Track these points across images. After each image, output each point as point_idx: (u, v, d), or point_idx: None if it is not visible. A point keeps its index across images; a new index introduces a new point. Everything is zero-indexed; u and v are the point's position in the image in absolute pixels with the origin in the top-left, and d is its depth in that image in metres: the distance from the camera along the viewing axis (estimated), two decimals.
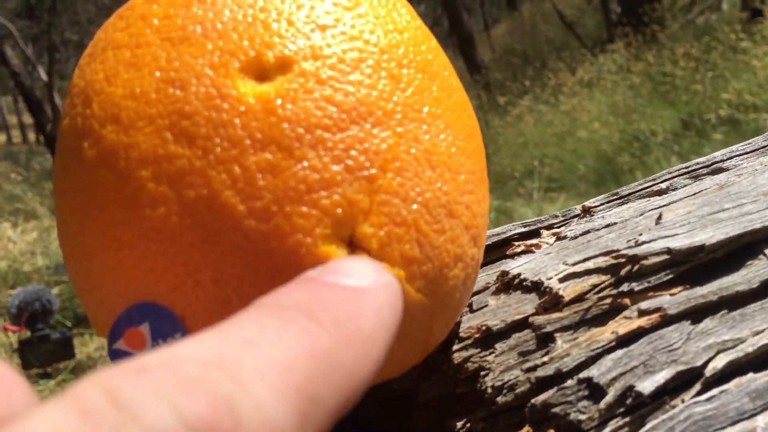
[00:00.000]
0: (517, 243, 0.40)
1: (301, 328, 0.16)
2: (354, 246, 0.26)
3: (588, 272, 0.33)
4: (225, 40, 0.27)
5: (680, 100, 4.99)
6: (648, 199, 0.40)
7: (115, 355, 0.28)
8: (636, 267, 0.31)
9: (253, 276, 0.25)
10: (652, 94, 5.39)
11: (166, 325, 0.26)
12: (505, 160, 5.48)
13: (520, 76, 7.34)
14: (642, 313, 0.30)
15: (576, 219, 0.41)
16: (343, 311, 0.17)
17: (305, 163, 0.25)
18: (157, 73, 0.26)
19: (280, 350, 0.15)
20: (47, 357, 2.76)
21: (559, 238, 0.39)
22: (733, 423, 0.27)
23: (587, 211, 0.41)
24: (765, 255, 0.31)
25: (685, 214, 0.33)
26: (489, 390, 0.31)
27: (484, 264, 0.40)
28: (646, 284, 0.31)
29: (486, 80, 7.50)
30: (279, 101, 0.26)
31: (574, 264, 0.33)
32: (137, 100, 0.26)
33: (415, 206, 0.27)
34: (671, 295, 0.31)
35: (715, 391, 0.28)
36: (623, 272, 0.32)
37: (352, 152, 0.26)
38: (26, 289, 2.77)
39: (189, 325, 0.26)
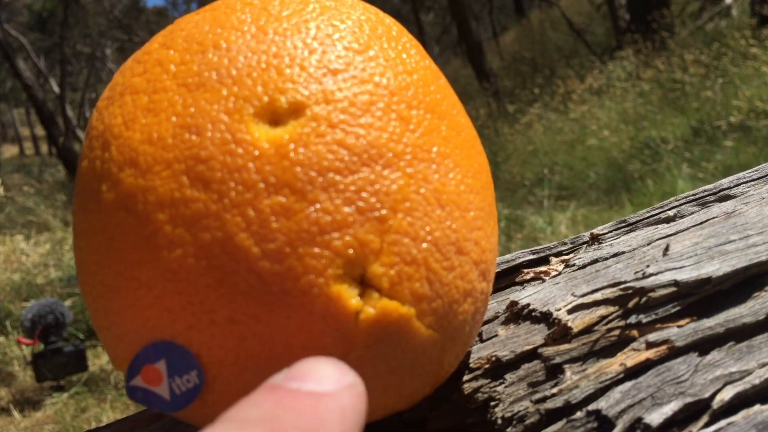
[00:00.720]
0: (526, 270, 0.41)
1: None
2: (365, 285, 0.27)
3: (596, 303, 0.33)
4: (240, 86, 0.27)
5: (690, 107, 4.97)
6: (656, 226, 0.40)
7: (133, 391, 0.28)
8: (644, 299, 0.32)
9: (267, 315, 0.26)
10: (662, 101, 5.38)
11: (182, 362, 0.27)
12: (515, 168, 5.47)
13: (530, 84, 7.34)
14: (650, 345, 0.31)
15: (584, 246, 0.42)
16: (305, 420, 0.18)
17: (318, 206, 0.26)
18: (174, 119, 0.27)
19: None
20: (60, 370, 2.78)
21: (567, 266, 0.40)
22: None
23: (595, 239, 0.41)
24: None
25: (692, 246, 0.34)
26: (499, 421, 0.32)
27: (494, 291, 0.41)
28: (653, 316, 0.32)
29: (495, 88, 7.51)
30: (292, 145, 0.26)
31: (582, 295, 0.34)
32: (154, 145, 0.27)
33: (425, 245, 0.28)
34: (678, 326, 0.31)
35: (722, 423, 0.29)
36: (631, 304, 0.32)
37: (363, 194, 0.27)
38: (39, 303, 2.79)
39: (205, 362, 0.27)
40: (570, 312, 0.33)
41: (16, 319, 3.52)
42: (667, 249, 0.34)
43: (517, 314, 0.36)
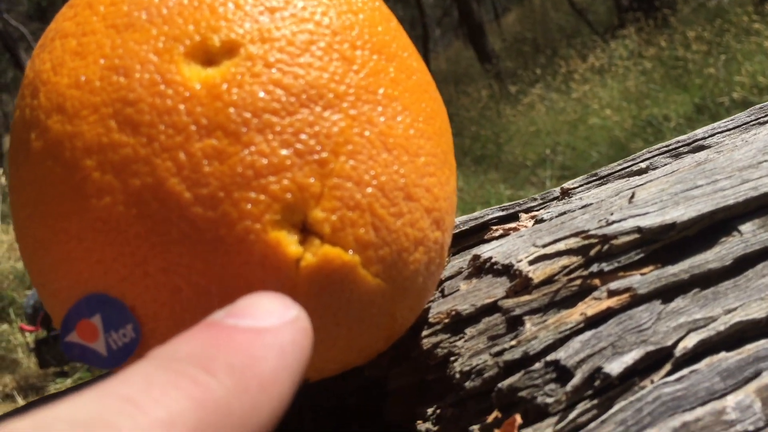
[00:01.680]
0: (495, 227, 0.40)
1: (190, 380, 0.16)
2: (307, 231, 0.26)
3: (558, 254, 0.32)
4: (170, 25, 0.26)
5: (693, 84, 4.94)
6: (627, 179, 0.39)
7: (69, 347, 0.27)
8: (606, 247, 0.31)
9: (203, 264, 0.25)
10: (665, 78, 5.34)
11: (117, 316, 0.26)
12: (517, 149, 5.45)
13: (531, 65, 7.30)
14: (611, 293, 0.29)
15: (555, 201, 0.40)
16: (240, 357, 0.17)
17: (253, 148, 0.25)
18: (102, 61, 0.26)
19: (163, 406, 0.15)
20: (64, 356, 2.78)
21: (537, 221, 0.38)
22: (703, 403, 0.27)
23: (566, 193, 0.40)
24: (739, 231, 0.30)
25: (658, 192, 0.32)
26: (457, 375, 0.30)
27: (462, 249, 0.40)
28: (616, 264, 0.30)
29: (497, 69, 7.45)
30: (225, 86, 0.25)
31: (544, 246, 0.32)
32: (81, 88, 0.26)
33: (369, 190, 0.26)
34: (642, 274, 0.30)
35: (685, 371, 0.28)
36: (593, 253, 0.31)
37: (302, 136, 0.25)
38: None
39: (140, 315, 0.26)
40: (531, 263, 0.32)
41: (19, 307, 3.52)
42: (632, 197, 0.33)
43: (479, 268, 0.35)
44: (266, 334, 0.18)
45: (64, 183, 0.26)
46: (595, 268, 0.30)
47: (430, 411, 0.32)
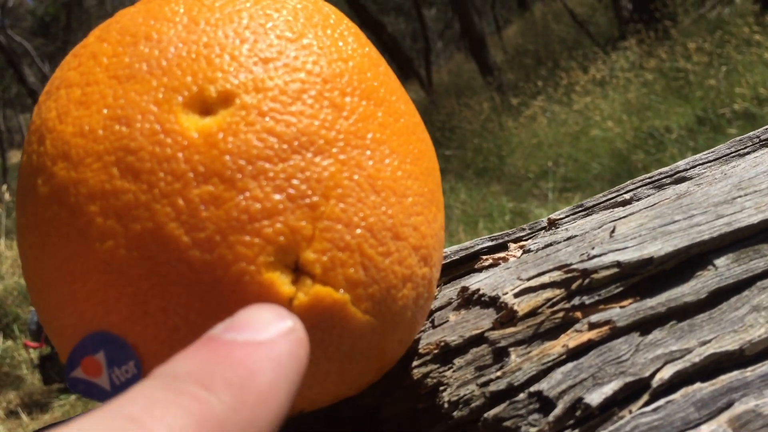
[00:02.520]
0: (485, 257, 0.41)
1: (190, 397, 0.17)
2: (299, 272, 0.27)
3: (543, 287, 0.33)
4: (169, 77, 0.28)
5: (694, 96, 4.95)
6: (611, 210, 0.40)
7: (74, 383, 0.28)
8: (587, 281, 0.32)
9: (200, 304, 0.26)
10: (666, 90, 5.36)
11: (120, 353, 0.27)
12: (519, 161, 5.46)
13: (533, 77, 7.32)
14: (592, 326, 0.31)
15: (542, 231, 0.42)
16: (238, 372, 0.18)
17: (247, 194, 0.26)
18: (105, 111, 0.27)
19: (165, 424, 0.16)
20: None
21: (525, 251, 0.40)
22: None
23: (553, 224, 0.42)
24: (713, 266, 0.32)
25: (637, 227, 0.34)
26: (446, 405, 0.32)
27: (453, 278, 0.41)
28: (596, 297, 0.32)
29: (499, 82, 7.48)
30: (221, 134, 0.27)
31: (529, 279, 0.34)
32: (86, 137, 0.27)
33: (358, 231, 0.28)
34: (621, 307, 0.31)
35: (661, 402, 0.29)
36: (575, 286, 0.32)
37: (294, 181, 0.27)
38: None
39: (142, 353, 0.27)
40: (516, 296, 0.33)
41: (23, 323, 3.54)
42: (613, 231, 0.34)
43: (467, 299, 0.36)
44: (263, 347, 0.19)
45: (69, 227, 0.27)
46: (576, 301, 0.32)
47: None
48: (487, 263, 0.41)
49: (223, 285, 0.26)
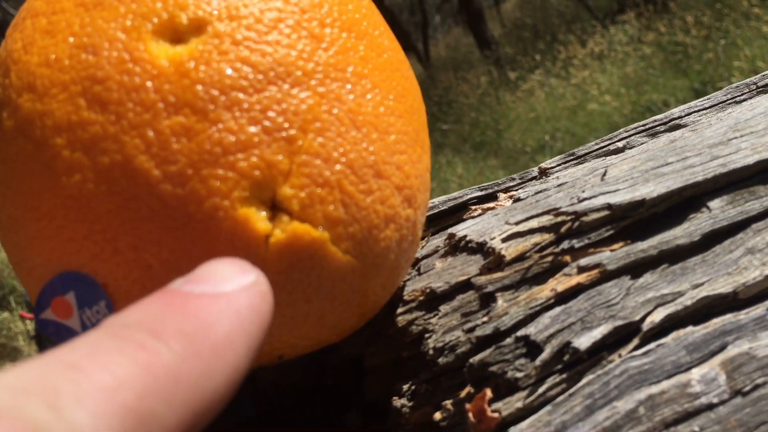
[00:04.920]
0: (474, 207, 0.40)
1: (137, 345, 0.16)
2: (276, 208, 0.26)
3: (531, 231, 0.32)
4: (138, 3, 0.26)
5: (693, 69, 4.92)
6: (604, 158, 0.39)
7: (44, 324, 0.27)
8: (576, 224, 0.31)
9: (172, 241, 0.25)
10: (664, 64, 5.32)
11: (90, 293, 0.26)
12: (517, 135, 5.44)
13: (531, 51, 7.27)
14: (581, 269, 0.30)
15: (533, 180, 0.41)
16: (192, 322, 0.17)
17: (220, 126, 0.25)
18: (71, 39, 0.26)
19: (108, 371, 0.15)
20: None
21: (515, 201, 0.39)
22: (669, 376, 0.27)
23: (543, 172, 0.40)
24: (707, 208, 0.31)
25: (629, 170, 0.33)
26: (431, 352, 0.31)
27: (440, 229, 0.40)
28: (586, 241, 0.31)
29: (496, 56, 7.42)
30: (192, 63, 0.25)
31: (517, 223, 0.33)
32: (51, 67, 0.26)
33: (338, 167, 0.27)
34: (611, 251, 0.30)
35: (652, 345, 0.28)
36: (564, 230, 0.31)
37: (270, 113, 0.26)
38: None
39: (112, 292, 0.26)
40: (504, 240, 0.32)
41: (20, 295, 3.53)
42: (604, 174, 0.33)
43: (454, 246, 0.35)
44: (220, 299, 0.18)
45: (35, 161, 0.26)
46: (565, 244, 0.31)
47: (405, 387, 0.32)
48: (476, 213, 0.39)
49: (196, 221, 0.25)
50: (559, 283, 0.30)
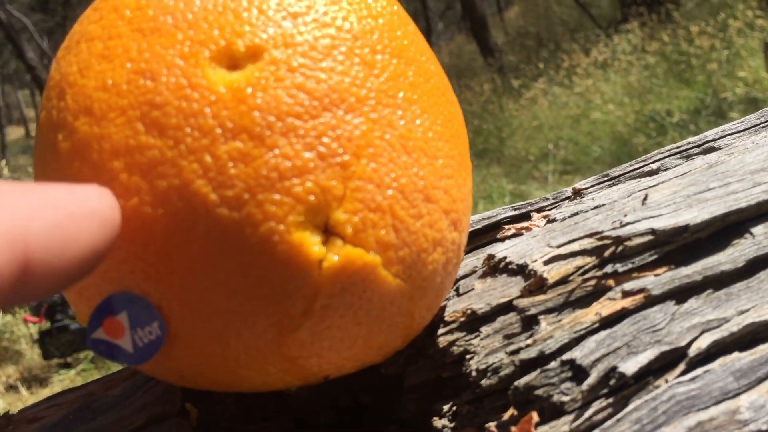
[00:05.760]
0: (507, 226, 0.40)
1: None
2: (329, 232, 0.26)
3: (573, 254, 0.32)
4: (195, 30, 0.27)
5: (696, 79, 4.93)
6: (638, 180, 0.40)
7: (95, 344, 0.28)
8: (620, 248, 0.31)
9: (228, 264, 0.25)
10: (668, 73, 5.33)
11: (143, 314, 0.26)
12: (520, 143, 5.45)
13: (534, 59, 7.29)
14: (626, 294, 0.30)
15: (566, 201, 0.41)
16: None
17: (277, 151, 0.25)
18: (128, 65, 0.26)
19: None
20: (67, 347, 2.79)
21: (549, 221, 0.39)
22: (717, 402, 0.27)
23: (578, 193, 0.41)
24: (751, 234, 0.31)
25: (671, 194, 0.33)
26: (474, 373, 0.31)
27: (474, 248, 0.40)
28: (630, 265, 0.31)
29: (500, 63, 7.44)
30: (249, 90, 0.26)
31: (559, 246, 0.33)
32: (109, 91, 0.26)
33: (390, 192, 0.27)
34: (655, 275, 0.30)
35: (699, 371, 0.28)
36: (607, 253, 0.31)
37: (325, 139, 0.26)
38: None
39: (166, 314, 0.26)
40: (546, 263, 0.32)
41: None
42: (645, 198, 0.34)
43: (494, 267, 0.35)
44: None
45: (92, 183, 0.26)
46: (609, 268, 0.31)
47: (446, 408, 0.32)
48: (509, 233, 0.40)
49: (252, 244, 0.25)
50: (604, 307, 0.30)
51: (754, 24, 5.03)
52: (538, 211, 0.41)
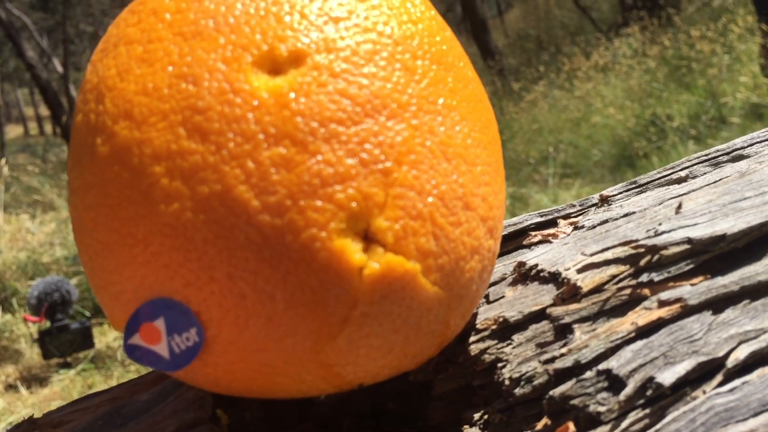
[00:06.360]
0: (534, 233, 0.40)
1: None
2: (369, 239, 0.26)
3: (606, 262, 0.32)
4: (237, 34, 0.26)
5: (697, 84, 4.93)
6: (667, 187, 0.39)
7: (131, 349, 0.28)
8: (656, 257, 0.31)
9: (268, 271, 0.25)
10: (668, 77, 5.34)
11: (181, 320, 0.26)
12: (520, 146, 5.44)
13: (535, 62, 7.29)
14: (662, 303, 0.30)
15: (593, 208, 0.41)
16: None
17: (319, 157, 0.25)
18: (170, 69, 0.26)
19: None
20: (67, 347, 2.79)
21: (576, 228, 0.39)
22: (756, 414, 0.27)
23: (605, 200, 0.40)
24: None
25: (706, 203, 0.33)
26: (507, 382, 0.31)
27: (501, 254, 0.40)
28: (666, 274, 0.31)
29: (500, 66, 7.45)
30: (292, 95, 0.25)
31: (592, 254, 0.33)
32: (150, 95, 0.26)
33: (430, 199, 0.27)
34: (692, 285, 0.30)
35: (737, 382, 0.28)
36: (642, 262, 0.31)
37: (367, 145, 0.26)
38: (45, 280, 2.79)
39: (204, 320, 0.26)
40: (579, 271, 0.32)
41: (22, 297, 3.52)
42: (679, 207, 0.33)
43: (524, 275, 0.35)
44: None
45: (132, 188, 0.26)
46: (644, 277, 0.31)
47: (477, 416, 0.32)
48: (536, 239, 0.40)
49: (293, 251, 0.25)
50: (640, 316, 0.30)
51: (754, 29, 5.03)
52: (565, 218, 0.40)
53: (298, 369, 0.27)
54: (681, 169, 0.40)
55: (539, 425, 0.30)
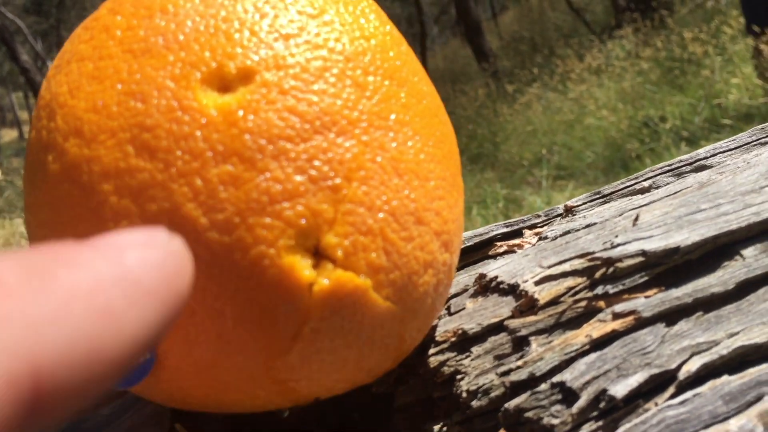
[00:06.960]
0: (499, 243, 0.40)
1: None
2: (320, 256, 0.26)
3: (564, 275, 0.32)
4: (187, 52, 0.26)
5: (690, 86, 4.94)
6: (630, 198, 0.40)
7: None
8: (611, 269, 0.31)
9: (217, 288, 0.25)
10: (661, 79, 5.34)
11: None
12: (514, 148, 5.45)
13: (529, 64, 7.29)
14: (616, 316, 0.30)
15: (558, 218, 0.41)
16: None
17: (268, 174, 0.25)
18: (119, 86, 0.26)
19: None
20: None
21: (540, 239, 0.39)
22: (706, 426, 0.27)
23: (569, 211, 0.41)
24: (741, 256, 0.31)
25: (662, 215, 0.33)
26: (464, 394, 0.31)
27: (467, 265, 0.40)
28: (620, 287, 0.31)
29: (494, 68, 7.45)
30: (241, 112, 0.26)
31: (550, 266, 0.33)
32: (99, 113, 0.26)
33: (381, 215, 0.27)
34: (646, 297, 0.30)
35: (688, 395, 0.28)
36: (598, 275, 0.32)
37: (316, 162, 0.26)
38: None
39: None
40: (537, 283, 0.32)
41: None
42: (636, 219, 0.34)
43: (485, 287, 0.35)
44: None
45: (82, 206, 0.26)
46: (600, 290, 0.31)
47: (436, 428, 0.32)
48: (501, 250, 0.40)
49: (242, 268, 0.25)
50: (594, 329, 0.30)
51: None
52: (530, 228, 0.41)
53: (251, 385, 0.27)
54: (644, 179, 0.40)
55: None
